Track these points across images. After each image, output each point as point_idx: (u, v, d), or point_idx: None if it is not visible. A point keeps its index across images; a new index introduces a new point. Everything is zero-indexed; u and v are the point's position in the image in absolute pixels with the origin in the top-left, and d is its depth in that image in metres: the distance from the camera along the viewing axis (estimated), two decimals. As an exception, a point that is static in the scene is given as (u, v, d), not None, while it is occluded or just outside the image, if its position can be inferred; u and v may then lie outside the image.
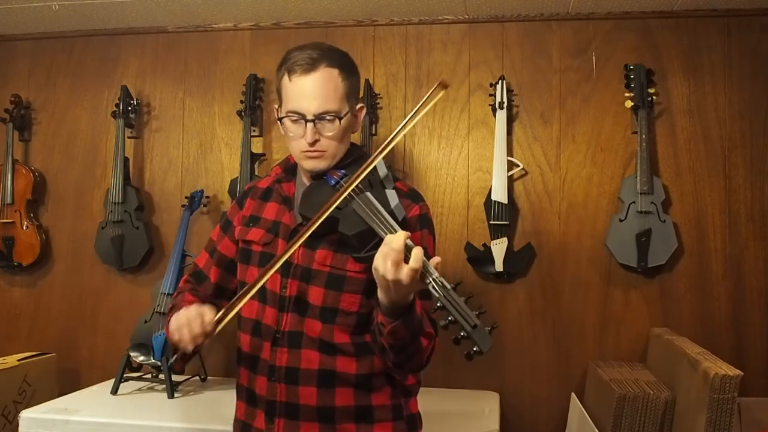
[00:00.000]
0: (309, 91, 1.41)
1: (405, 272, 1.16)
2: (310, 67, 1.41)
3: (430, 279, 1.16)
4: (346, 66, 1.47)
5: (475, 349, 1.14)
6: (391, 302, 1.22)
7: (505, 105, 2.80)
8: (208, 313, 1.34)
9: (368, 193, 1.36)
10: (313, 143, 1.42)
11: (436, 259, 1.20)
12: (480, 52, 2.93)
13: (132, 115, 3.08)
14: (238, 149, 3.00)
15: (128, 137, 3.11)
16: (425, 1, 2.77)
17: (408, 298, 1.22)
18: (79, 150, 3.22)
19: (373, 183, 1.40)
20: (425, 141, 2.95)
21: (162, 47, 3.17)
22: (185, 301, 1.52)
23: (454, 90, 2.93)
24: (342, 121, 1.44)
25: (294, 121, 1.44)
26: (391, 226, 1.28)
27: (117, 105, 3.07)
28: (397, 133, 1.37)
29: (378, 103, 2.96)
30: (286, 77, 1.45)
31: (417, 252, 1.16)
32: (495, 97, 2.81)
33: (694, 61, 2.79)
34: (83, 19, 3.05)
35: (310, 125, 1.41)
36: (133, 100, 3.07)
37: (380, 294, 1.23)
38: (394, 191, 1.39)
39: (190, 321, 1.32)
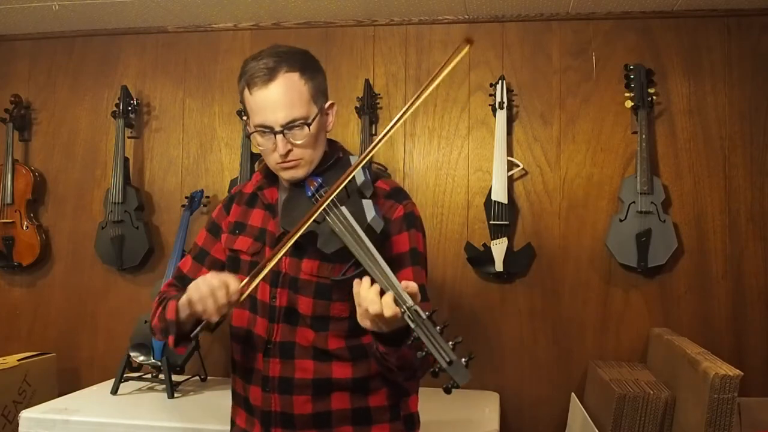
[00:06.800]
0: (272, 102, 1.35)
1: (383, 322, 1.15)
2: (269, 77, 1.34)
3: (404, 308, 1.11)
4: (308, 66, 1.40)
5: (452, 382, 1.09)
6: (389, 331, 1.20)
7: (505, 105, 2.80)
8: (232, 282, 1.27)
9: (343, 208, 1.29)
10: (286, 154, 1.38)
11: (410, 285, 1.15)
12: (480, 52, 2.93)
13: (132, 115, 3.08)
14: (238, 149, 3.00)
15: (128, 137, 3.11)
16: (425, 1, 2.77)
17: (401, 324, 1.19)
18: (79, 150, 3.22)
19: (350, 192, 1.33)
20: (425, 141, 2.95)
21: (162, 47, 3.17)
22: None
23: (454, 90, 2.93)
24: (311, 126, 1.37)
25: (263, 135, 1.39)
26: (366, 246, 1.23)
27: (117, 105, 3.06)
28: (391, 126, 1.31)
29: (378, 103, 2.96)
30: (246, 91, 1.38)
31: (387, 299, 1.14)
32: (495, 97, 2.81)
33: (694, 61, 2.79)
34: (83, 19, 3.05)
35: (279, 137, 1.36)
36: (133, 100, 3.07)
37: (373, 334, 1.23)
38: (371, 201, 1.33)
39: (214, 291, 1.26)
